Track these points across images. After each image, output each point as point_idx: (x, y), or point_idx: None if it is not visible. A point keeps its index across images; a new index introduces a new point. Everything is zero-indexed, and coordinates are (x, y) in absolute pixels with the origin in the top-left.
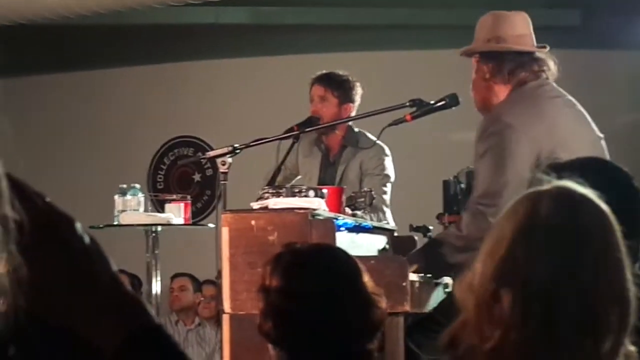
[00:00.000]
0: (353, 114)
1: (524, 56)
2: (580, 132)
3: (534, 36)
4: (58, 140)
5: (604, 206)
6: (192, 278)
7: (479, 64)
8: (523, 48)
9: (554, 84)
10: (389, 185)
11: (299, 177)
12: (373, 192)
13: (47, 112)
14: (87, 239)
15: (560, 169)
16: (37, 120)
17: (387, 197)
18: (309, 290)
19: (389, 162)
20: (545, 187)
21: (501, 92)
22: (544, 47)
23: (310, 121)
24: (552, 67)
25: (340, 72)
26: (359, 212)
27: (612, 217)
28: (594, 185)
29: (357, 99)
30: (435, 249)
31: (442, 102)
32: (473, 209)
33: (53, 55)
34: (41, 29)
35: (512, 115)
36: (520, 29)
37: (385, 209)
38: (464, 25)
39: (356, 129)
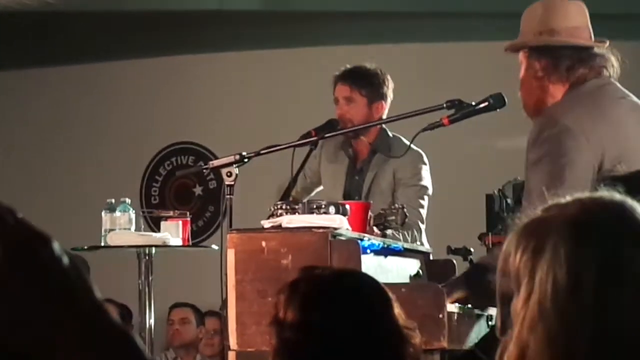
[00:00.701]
0: (386, 112)
1: (583, 51)
2: None
3: (591, 28)
4: (34, 147)
5: None
6: (195, 309)
7: (529, 60)
8: (581, 42)
9: (618, 84)
10: (426, 198)
11: (320, 187)
12: (406, 210)
13: (21, 110)
14: (65, 261)
15: (618, 181)
16: (9, 122)
17: (423, 212)
18: (331, 324)
19: (425, 172)
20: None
21: (557, 92)
22: (603, 41)
23: (331, 125)
24: (614, 63)
25: (367, 65)
26: (389, 232)
27: None
28: None
29: (390, 94)
30: (480, 276)
31: (485, 104)
32: None
33: (29, 47)
34: (21, 16)
35: (571, 117)
36: (575, 20)
37: (420, 226)
38: (509, 12)
39: (390, 134)
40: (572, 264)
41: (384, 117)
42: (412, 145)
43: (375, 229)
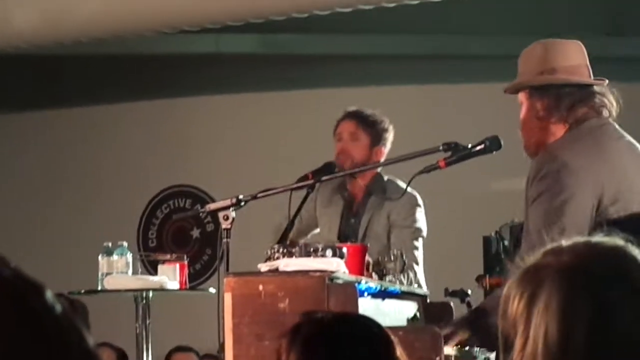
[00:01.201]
0: (383, 159)
1: (583, 90)
2: None
3: (590, 67)
4: (31, 190)
5: None
6: (197, 354)
7: (531, 100)
8: (583, 80)
9: (616, 125)
10: (420, 240)
11: (316, 230)
12: (404, 256)
13: (17, 154)
14: (58, 309)
15: (615, 225)
16: (6, 165)
17: (418, 254)
18: None
19: (420, 214)
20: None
21: (558, 131)
22: (602, 80)
23: (328, 168)
24: (613, 103)
25: (372, 111)
26: (388, 278)
27: None
28: None
29: (389, 143)
30: (483, 320)
31: (482, 146)
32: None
33: (27, 89)
34: (14, 59)
35: (570, 154)
36: (575, 59)
37: (416, 268)
38: (505, 55)
39: (385, 177)
40: (563, 316)
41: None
42: (408, 188)
43: (374, 275)
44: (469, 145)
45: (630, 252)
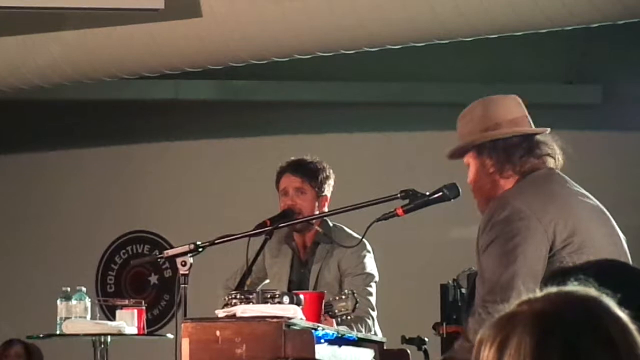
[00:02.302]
0: (327, 206)
1: (529, 140)
2: (597, 226)
3: (530, 118)
4: None
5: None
6: None
7: (479, 158)
8: (528, 130)
9: (562, 174)
10: (374, 285)
11: (266, 281)
12: (356, 295)
13: None
14: None
15: (571, 273)
16: None
17: (373, 300)
18: None
19: (370, 260)
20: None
21: (508, 184)
22: (545, 129)
23: (285, 215)
24: (557, 151)
25: (312, 159)
26: (340, 322)
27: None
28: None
29: (331, 189)
30: None
31: (440, 194)
32: (481, 311)
33: None
34: None
35: (521, 200)
36: (516, 112)
37: (372, 313)
38: (465, 102)
39: (331, 224)
40: (534, 357)
41: (326, 209)
42: (355, 235)
43: (326, 316)
44: (427, 193)
45: (604, 302)
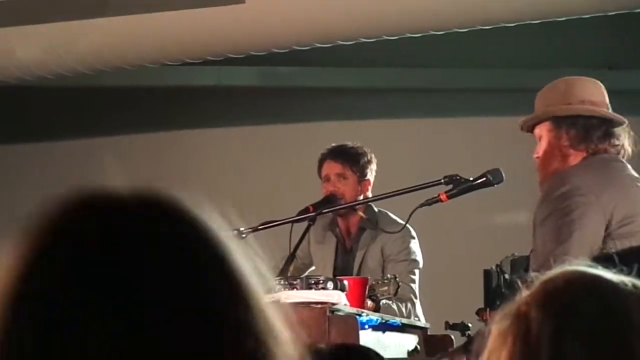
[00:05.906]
0: (370, 191)
1: (607, 125)
2: None
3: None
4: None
5: None
6: None
7: (556, 130)
8: (610, 115)
9: (627, 164)
10: (417, 272)
11: (312, 267)
12: (399, 280)
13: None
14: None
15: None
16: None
17: (415, 287)
18: None
19: (415, 246)
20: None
21: (576, 160)
22: (624, 119)
23: (329, 200)
24: (628, 142)
25: (352, 144)
26: (383, 302)
27: None
28: None
29: (374, 174)
30: (480, 342)
31: (483, 179)
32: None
33: (28, 121)
34: (20, 90)
35: (583, 177)
36: (599, 95)
37: (414, 300)
38: (509, 88)
39: (376, 209)
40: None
41: (370, 194)
42: (400, 220)
43: (368, 301)
44: (471, 178)
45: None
